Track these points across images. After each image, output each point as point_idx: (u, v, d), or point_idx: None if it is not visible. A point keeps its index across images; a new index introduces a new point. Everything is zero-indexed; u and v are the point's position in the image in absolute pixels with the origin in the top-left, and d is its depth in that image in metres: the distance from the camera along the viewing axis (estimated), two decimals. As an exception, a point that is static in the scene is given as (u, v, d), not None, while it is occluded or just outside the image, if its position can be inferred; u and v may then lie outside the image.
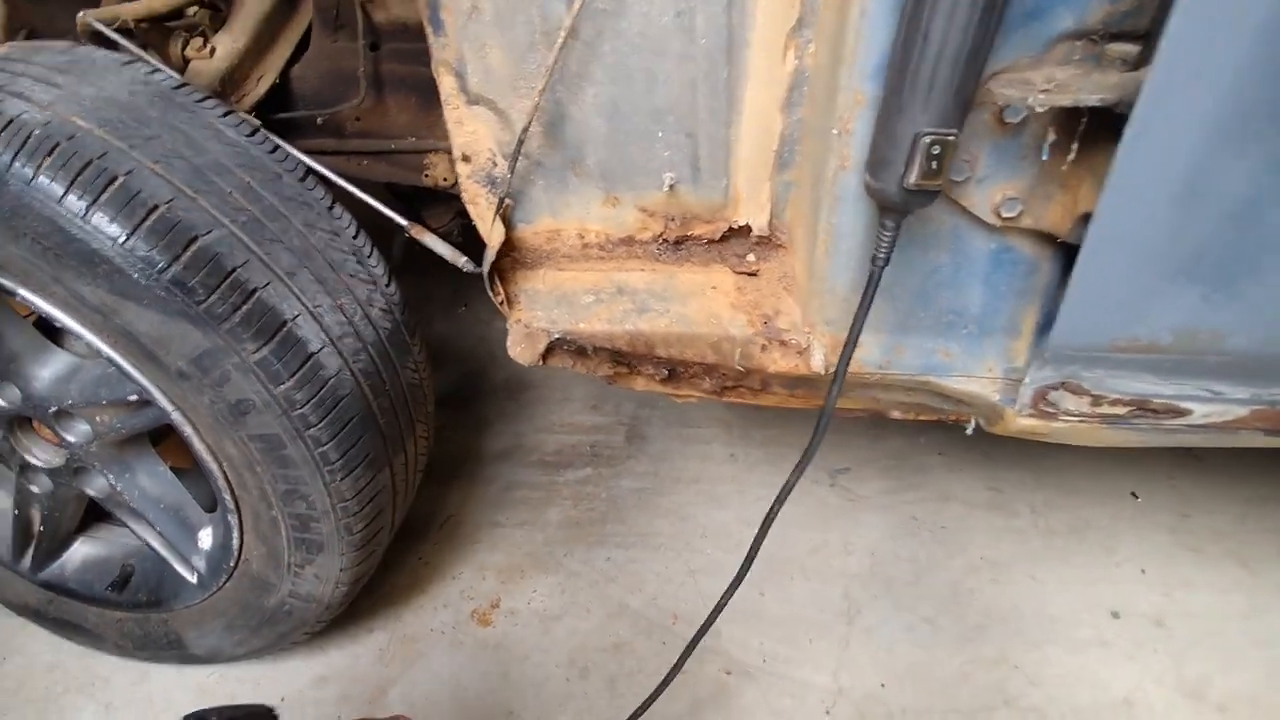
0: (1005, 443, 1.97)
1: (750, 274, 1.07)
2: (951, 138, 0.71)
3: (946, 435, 1.98)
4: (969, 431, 1.13)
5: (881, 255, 0.80)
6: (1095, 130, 0.73)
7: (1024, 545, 1.72)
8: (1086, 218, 0.76)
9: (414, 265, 1.67)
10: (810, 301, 0.96)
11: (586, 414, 2.20)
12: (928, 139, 0.70)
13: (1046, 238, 0.85)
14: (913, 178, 0.71)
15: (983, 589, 1.63)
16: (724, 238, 1.10)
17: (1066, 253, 0.84)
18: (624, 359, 1.11)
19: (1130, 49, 0.70)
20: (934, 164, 0.71)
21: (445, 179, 1.61)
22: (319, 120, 1.51)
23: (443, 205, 1.83)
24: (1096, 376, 0.83)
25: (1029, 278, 0.88)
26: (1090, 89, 0.69)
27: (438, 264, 1.21)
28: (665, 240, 1.12)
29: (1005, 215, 0.80)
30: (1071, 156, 0.75)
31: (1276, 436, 0.93)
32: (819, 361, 0.98)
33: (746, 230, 1.09)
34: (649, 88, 1.00)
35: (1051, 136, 0.75)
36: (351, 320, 1.08)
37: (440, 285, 2.64)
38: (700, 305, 1.03)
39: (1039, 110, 0.71)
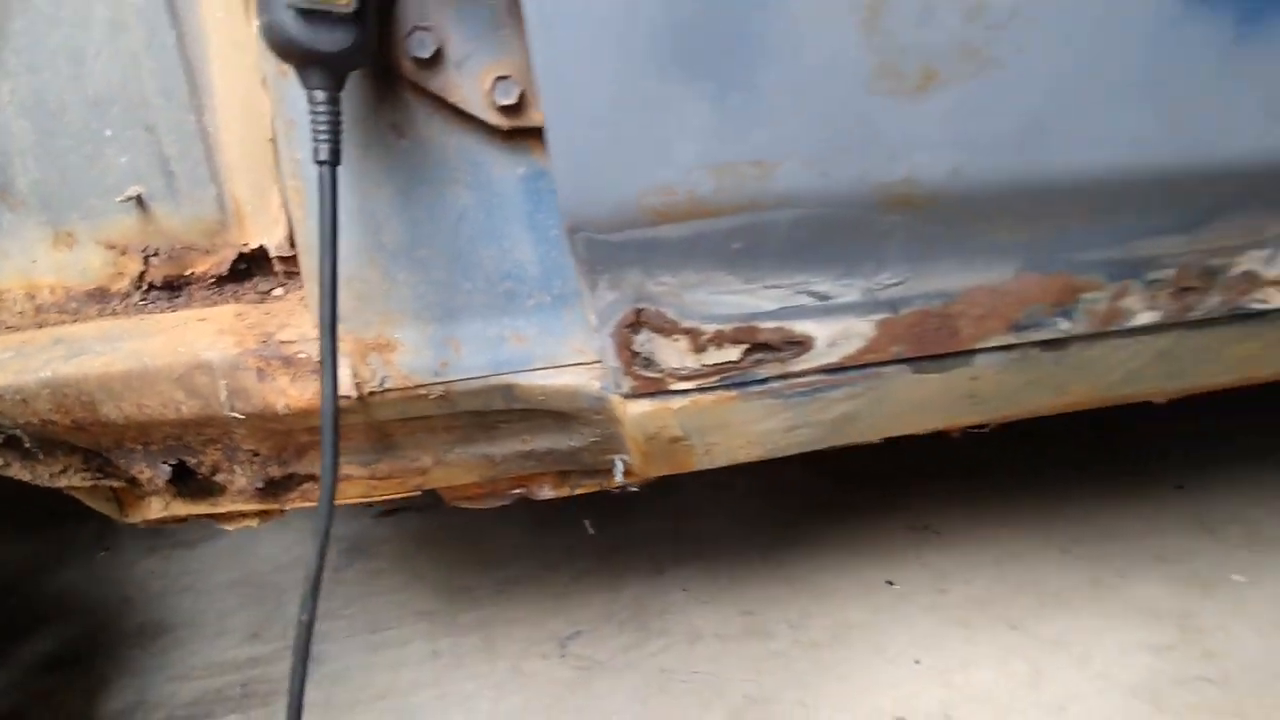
0: (755, 560, 1.73)
1: (263, 301, 0.78)
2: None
3: (690, 570, 1.69)
4: (618, 477, 0.85)
5: (324, 146, 0.55)
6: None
7: (788, 669, 1.41)
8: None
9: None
10: (314, 293, 0.68)
11: (243, 646, 1.68)
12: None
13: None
14: (294, -14, 0.50)
15: (747, 734, 1.27)
16: (237, 271, 0.82)
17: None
18: (89, 450, 0.73)
19: None
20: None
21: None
22: None
23: None
24: (669, 288, 0.61)
25: (580, 210, 0.69)
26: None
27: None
28: (152, 285, 0.81)
29: (501, 102, 0.60)
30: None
31: (928, 371, 0.75)
32: (345, 377, 0.68)
33: (265, 256, 0.82)
34: (77, 69, 0.75)
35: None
36: None
37: (82, 529, 2.10)
38: (169, 338, 0.71)
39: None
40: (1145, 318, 0.75)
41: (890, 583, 1.60)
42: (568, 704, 1.39)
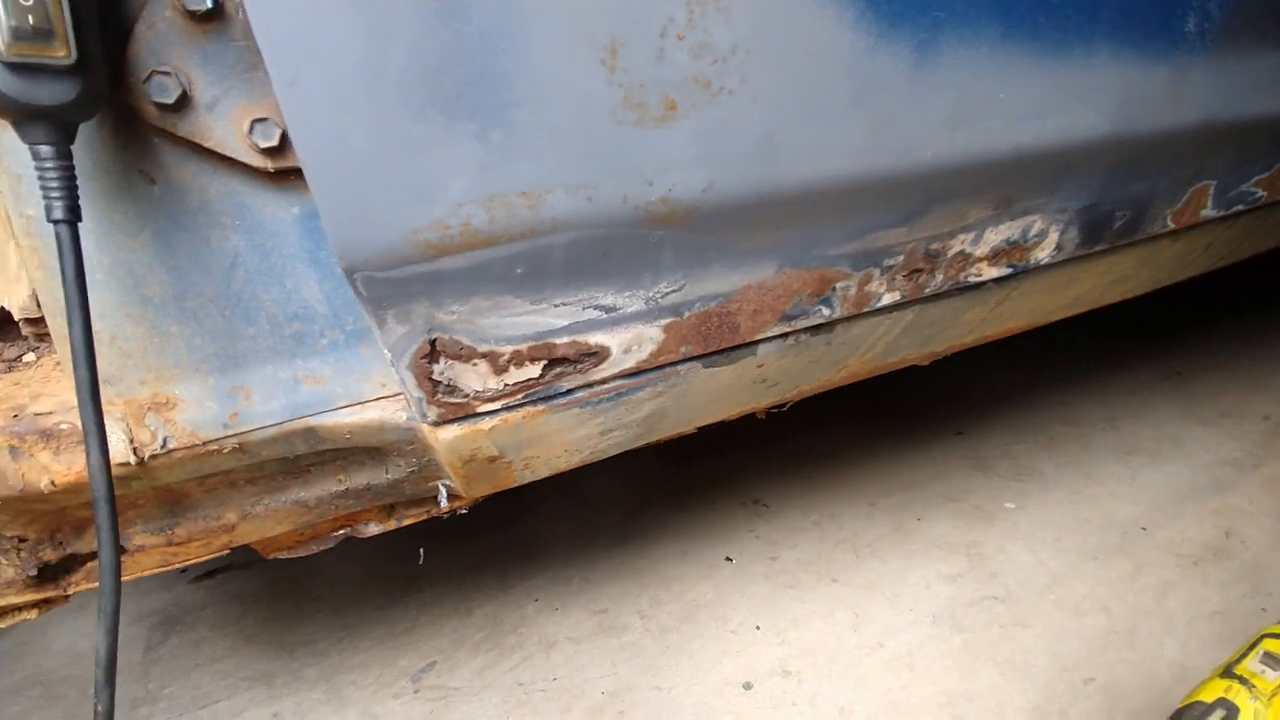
0: (602, 559, 1.78)
1: (10, 369, 0.70)
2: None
3: (539, 579, 1.71)
4: (443, 503, 0.86)
5: (58, 204, 0.52)
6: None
7: (641, 658, 1.47)
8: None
9: None
10: (68, 358, 0.63)
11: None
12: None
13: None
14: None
15: (607, 728, 1.31)
16: (-23, 338, 0.73)
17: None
18: None
19: None
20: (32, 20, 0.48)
21: None
22: None
23: None
24: (460, 315, 0.63)
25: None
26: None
27: None
28: None
29: (262, 144, 0.59)
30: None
31: (719, 364, 0.83)
32: (119, 443, 0.63)
33: (9, 319, 0.74)
34: None
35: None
36: None
37: None
38: (-103, 424, 0.62)
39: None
40: (888, 298, 0.87)
41: (729, 559, 1.71)
42: (426, 738, 1.37)
